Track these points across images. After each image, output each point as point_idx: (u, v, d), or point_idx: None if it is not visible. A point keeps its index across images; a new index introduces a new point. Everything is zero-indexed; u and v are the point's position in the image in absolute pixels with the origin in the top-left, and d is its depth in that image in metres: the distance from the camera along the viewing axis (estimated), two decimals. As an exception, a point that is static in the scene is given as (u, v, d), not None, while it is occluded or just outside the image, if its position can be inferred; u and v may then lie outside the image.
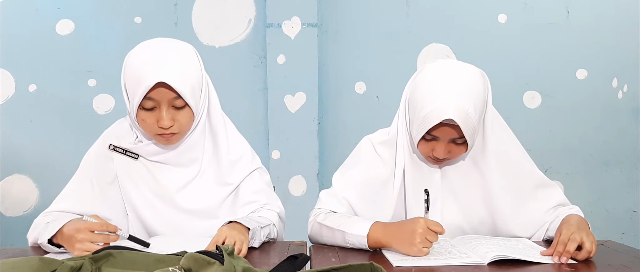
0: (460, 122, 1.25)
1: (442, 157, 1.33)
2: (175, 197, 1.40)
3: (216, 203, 1.42)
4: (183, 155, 1.41)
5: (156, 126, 1.31)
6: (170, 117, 1.30)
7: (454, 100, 1.25)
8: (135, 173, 1.41)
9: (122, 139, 1.42)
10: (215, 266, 0.88)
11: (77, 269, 0.93)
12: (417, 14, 2.89)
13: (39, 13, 2.79)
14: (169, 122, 1.30)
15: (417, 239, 1.20)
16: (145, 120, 1.31)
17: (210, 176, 1.42)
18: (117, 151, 1.41)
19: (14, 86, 2.79)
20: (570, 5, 2.89)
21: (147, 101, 1.28)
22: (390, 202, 1.40)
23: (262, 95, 2.86)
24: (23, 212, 2.84)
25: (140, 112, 1.31)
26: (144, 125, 1.33)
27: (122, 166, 1.41)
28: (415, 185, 1.40)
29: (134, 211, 1.40)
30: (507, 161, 1.40)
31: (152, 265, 0.97)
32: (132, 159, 1.41)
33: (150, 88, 1.26)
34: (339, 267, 0.95)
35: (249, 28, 2.86)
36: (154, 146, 1.40)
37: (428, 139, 1.33)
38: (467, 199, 1.41)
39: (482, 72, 1.35)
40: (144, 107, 1.30)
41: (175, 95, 1.29)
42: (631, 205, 2.98)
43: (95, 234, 1.18)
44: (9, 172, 2.82)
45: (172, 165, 1.41)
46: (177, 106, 1.31)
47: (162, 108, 1.29)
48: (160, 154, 1.40)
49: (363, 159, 1.46)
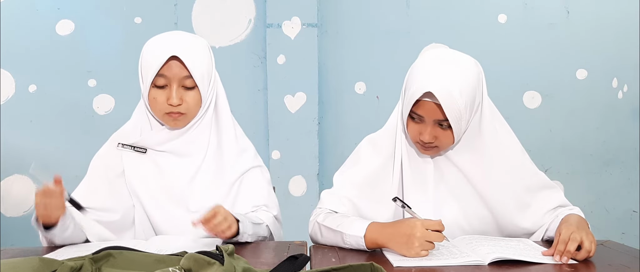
0: (441, 98, 1.25)
1: (427, 141, 1.32)
2: (181, 193, 1.44)
3: (219, 198, 1.45)
4: (189, 145, 1.46)
5: (166, 104, 1.38)
6: (179, 95, 1.38)
7: (438, 78, 1.27)
8: (143, 169, 1.46)
9: (129, 136, 1.48)
10: (215, 266, 0.88)
11: (77, 269, 0.93)
12: (417, 14, 2.89)
13: (39, 13, 2.79)
14: (177, 100, 1.37)
15: (415, 243, 1.19)
16: (157, 98, 1.38)
17: (213, 168, 1.47)
18: (125, 147, 1.46)
19: (14, 86, 2.80)
20: (570, 5, 2.89)
21: (159, 78, 1.37)
22: (391, 198, 1.40)
23: (262, 95, 2.86)
24: (23, 213, 2.84)
25: (152, 90, 1.38)
26: (154, 105, 1.40)
27: (130, 162, 1.46)
28: (413, 177, 1.40)
29: (141, 206, 1.45)
30: (509, 154, 1.40)
31: (152, 265, 0.98)
32: (140, 155, 1.46)
33: (164, 62, 1.35)
34: (339, 267, 0.95)
35: (249, 28, 2.86)
36: (164, 132, 1.45)
37: (415, 120, 1.33)
38: (464, 191, 1.40)
39: (476, 62, 1.35)
40: (156, 84, 1.38)
41: (186, 74, 1.37)
42: (631, 205, 2.98)
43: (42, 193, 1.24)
44: (9, 172, 2.82)
45: (178, 155, 1.46)
46: (187, 86, 1.39)
47: (172, 86, 1.37)
48: (168, 142, 1.45)
49: (362, 157, 1.47)
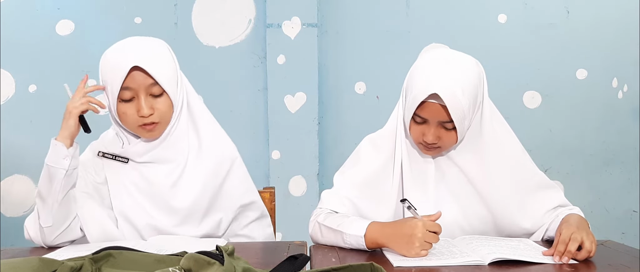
0: (446, 99, 1.25)
1: (431, 142, 1.32)
2: (167, 197, 1.40)
3: (206, 200, 1.43)
4: (169, 150, 1.41)
5: (137, 117, 1.34)
6: (149, 105, 1.34)
7: (442, 79, 1.27)
8: (125, 177, 1.41)
9: (109, 146, 1.44)
10: (216, 267, 0.88)
11: (77, 269, 0.93)
12: (417, 14, 2.89)
13: (39, 13, 2.79)
14: (148, 110, 1.33)
15: (415, 243, 1.19)
16: (126, 112, 1.34)
17: (198, 169, 1.43)
18: (106, 157, 1.42)
19: (14, 86, 2.79)
20: (570, 5, 2.89)
21: (124, 91, 1.32)
22: (391, 198, 1.40)
23: (262, 95, 2.86)
24: (23, 213, 2.83)
25: (120, 105, 1.34)
26: (125, 120, 1.36)
27: (112, 171, 1.42)
28: (413, 177, 1.40)
29: (123, 216, 1.40)
30: (509, 155, 1.40)
31: (152, 265, 0.98)
32: (122, 165, 1.42)
33: (126, 74, 1.30)
34: (339, 267, 0.95)
35: (249, 28, 2.86)
36: (141, 144, 1.41)
37: (418, 122, 1.33)
38: (464, 191, 1.40)
39: (477, 62, 1.36)
40: (123, 98, 1.33)
41: (152, 82, 1.32)
42: (631, 205, 2.98)
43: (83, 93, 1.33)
44: (9, 173, 2.82)
45: (160, 163, 1.42)
46: (155, 94, 1.34)
47: (140, 97, 1.33)
48: (148, 152, 1.41)
49: (362, 157, 1.46)
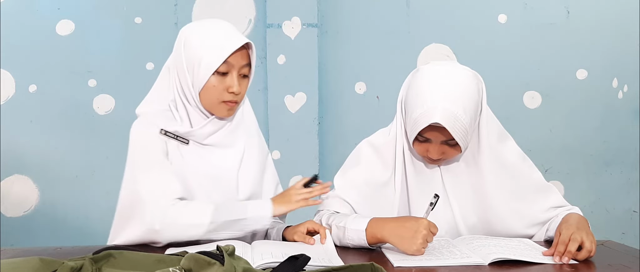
0: (448, 125, 1.26)
1: (436, 158, 1.35)
2: (232, 182, 1.42)
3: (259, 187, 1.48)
4: (231, 134, 1.44)
5: (225, 93, 1.36)
6: (239, 83, 1.38)
7: (442, 104, 1.26)
8: (188, 157, 1.40)
9: (167, 123, 1.39)
10: (216, 267, 0.88)
11: (78, 269, 0.93)
12: (417, 14, 2.89)
13: (39, 13, 2.79)
14: (239, 88, 1.37)
15: (419, 239, 1.20)
16: (216, 86, 1.36)
17: (253, 154, 1.48)
18: (168, 135, 1.39)
19: (14, 86, 2.79)
20: (570, 5, 2.89)
21: (224, 65, 1.34)
22: (393, 203, 1.41)
23: (262, 95, 2.85)
24: (23, 213, 2.83)
25: (212, 78, 1.35)
26: (212, 93, 1.36)
27: (174, 148, 1.39)
28: (418, 185, 1.40)
29: (188, 191, 1.38)
30: (503, 163, 1.40)
31: (153, 265, 0.98)
32: (182, 145, 1.40)
33: (234, 50, 1.33)
34: (339, 267, 0.95)
35: (249, 28, 2.85)
36: (208, 126, 1.40)
37: (421, 141, 1.34)
38: (464, 199, 1.41)
39: (476, 74, 1.35)
40: (219, 71, 1.35)
41: (246, 63, 1.38)
42: (631, 205, 2.98)
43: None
44: (9, 173, 2.81)
45: (222, 147, 1.43)
46: (244, 74, 1.39)
47: (233, 74, 1.36)
48: (212, 135, 1.41)
49: (362, 161, 1.47)
